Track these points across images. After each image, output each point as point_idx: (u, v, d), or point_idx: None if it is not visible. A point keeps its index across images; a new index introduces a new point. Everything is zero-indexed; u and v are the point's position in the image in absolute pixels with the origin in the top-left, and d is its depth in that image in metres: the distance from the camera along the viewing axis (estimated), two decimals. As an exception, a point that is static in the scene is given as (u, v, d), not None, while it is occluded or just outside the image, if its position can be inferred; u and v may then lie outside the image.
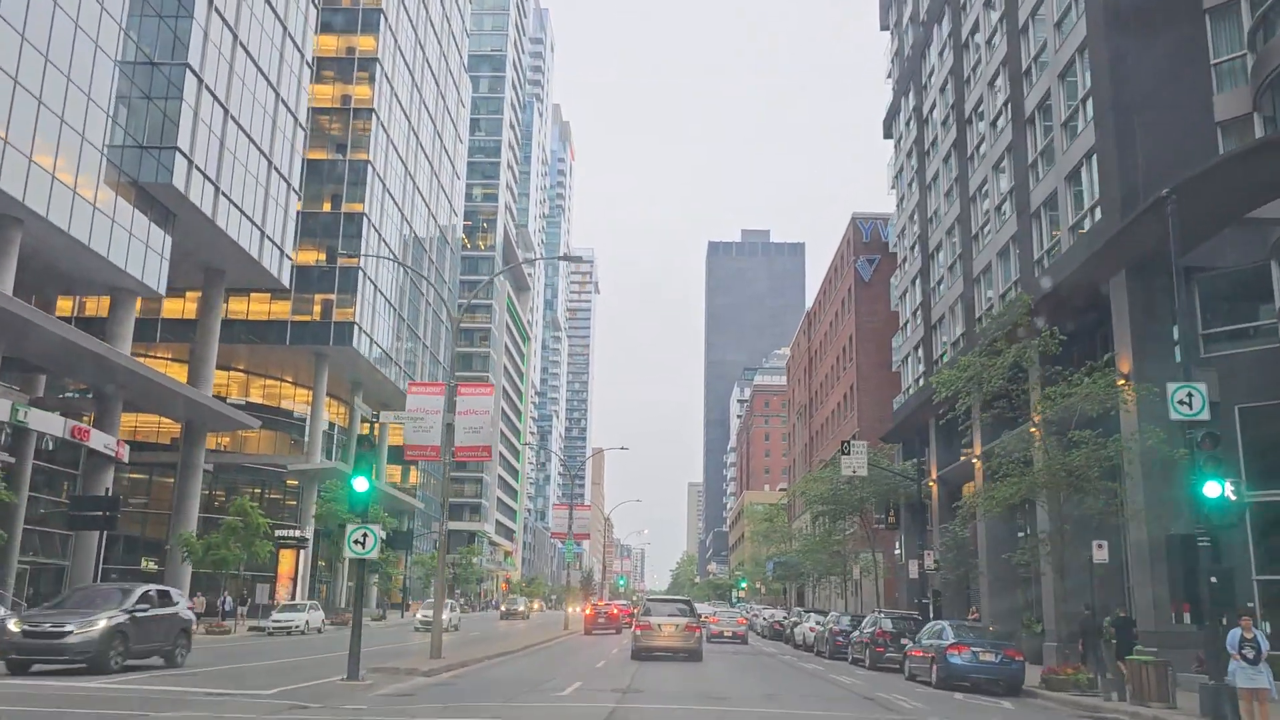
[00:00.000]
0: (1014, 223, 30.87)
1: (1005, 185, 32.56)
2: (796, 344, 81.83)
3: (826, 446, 64.31)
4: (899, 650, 25.94)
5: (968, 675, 19.97)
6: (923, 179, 42.72)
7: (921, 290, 42.29)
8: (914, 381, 43.39)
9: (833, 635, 31.70)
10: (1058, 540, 21.23)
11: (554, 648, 34.11)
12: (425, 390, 24.90)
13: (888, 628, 26.67)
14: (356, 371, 72.51)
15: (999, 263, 32.56)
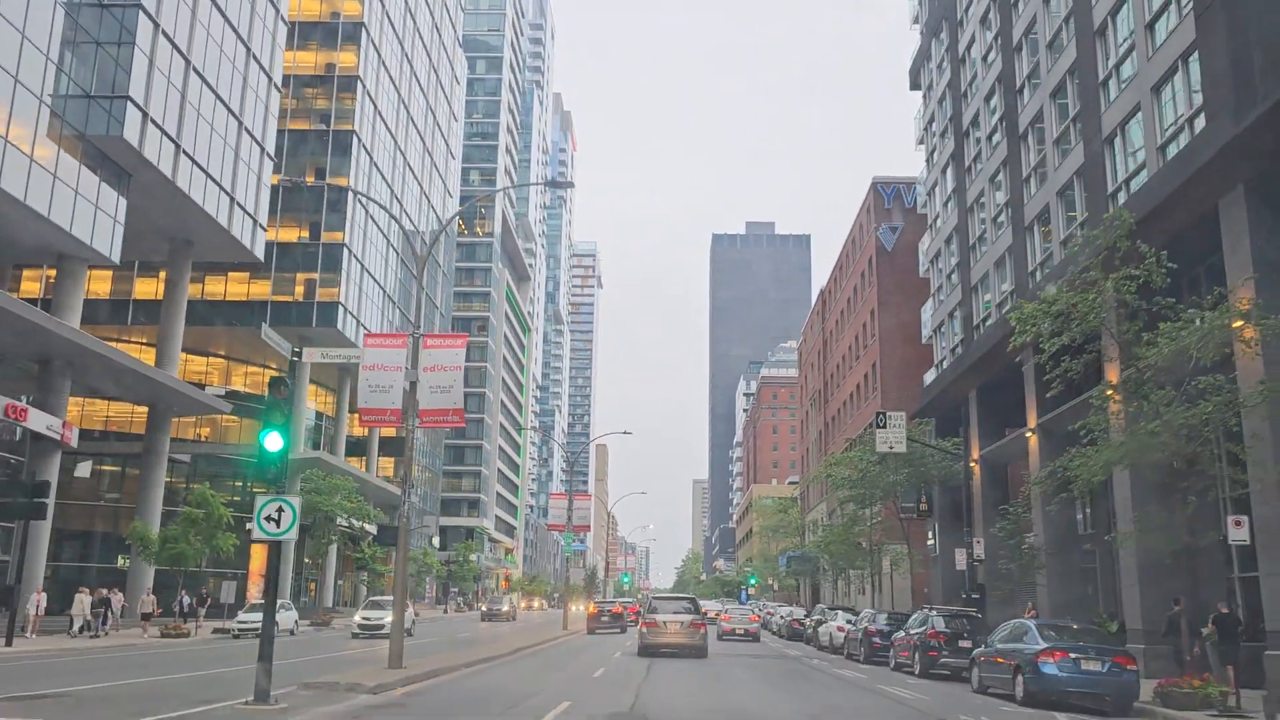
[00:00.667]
0: (1080, 154, 26.53)
1: (1068, 111, 28.15)
2: (809, 327, 77.49)
3: (843, 433, 60.02)
4: (956, 654, 21.65)
5: (1065, 689, 15.65)
6: (958, 125, 38.36)
7: (959, 249, 37.97)
8: (949, 352, 39.09)
9: (868, 636, 27.39)
10: (1175, 518, 16.91)
11: (549, 651, 29.83)
12: (384, 343, 20.49)
13: (941, 628, 22.35)
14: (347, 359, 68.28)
15: (1060, 204, 28.20)
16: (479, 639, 36.39)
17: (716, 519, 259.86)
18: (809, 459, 76.75)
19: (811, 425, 74.87)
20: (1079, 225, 26.07)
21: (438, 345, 20.01)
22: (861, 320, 54.32)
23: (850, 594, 58.06)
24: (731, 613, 42.96)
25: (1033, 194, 30.35)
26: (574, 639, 40.22)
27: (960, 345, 37.35)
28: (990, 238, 34.49)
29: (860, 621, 29.39)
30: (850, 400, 58.58)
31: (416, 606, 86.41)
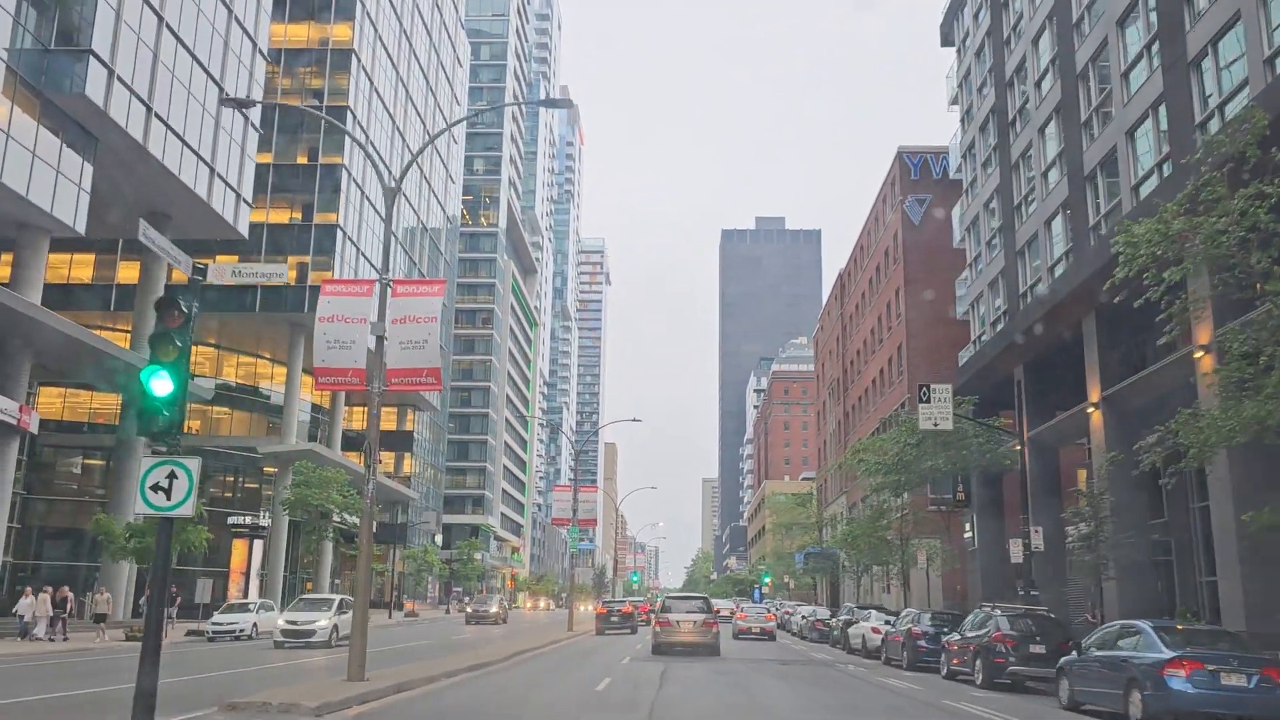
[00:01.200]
0: (1157, 82, 23.07)
1: (1140, 35, 24.61)
2: (826, 314, 74.03)
3: (865, 423, 56.60)
4: (1027, 662, 18.27)
5: (1200, 710, 12.25)
6: (1000, 75, 34.90)
7: (1001, 211, 34.56)
8: (989, 326, 35.65)
9: (912, 639, 23.99)
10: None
11: (549, 656, 26.52)
12: (346, 290, 17.17)
13: (1007, 630, 18.92)
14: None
15: (1128, 145, 24.73)
16: (473, 642, 33.11)
17: (727, 518, 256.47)
18: (826, 452, 73.31)
19: (829, 416, 71.43)
20: (1157, 166, 22.65)
21: (410, 293, 16.78)
22: (885, 300, 50.90)
23: (873, 592, 54.65)
24: (747, 611, 41.92)
25: (1095, 137, 26.92)
26: (580, 641, 36.95)
27: (1004, 317, 33.92)
28: (1040, 194, 31.03)
29: (900, 623, 25.97)
30: (873, 387, 55.13)
31: (416, 606, 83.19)
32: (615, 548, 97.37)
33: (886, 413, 50.01)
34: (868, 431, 56.95)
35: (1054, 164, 30.16)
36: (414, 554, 67.51)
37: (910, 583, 45.29)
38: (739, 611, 42.65)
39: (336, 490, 49.92)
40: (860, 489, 50.14)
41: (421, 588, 71.09)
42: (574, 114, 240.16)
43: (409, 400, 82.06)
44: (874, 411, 54.41)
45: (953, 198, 46.50)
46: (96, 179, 38.43)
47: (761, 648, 35.39)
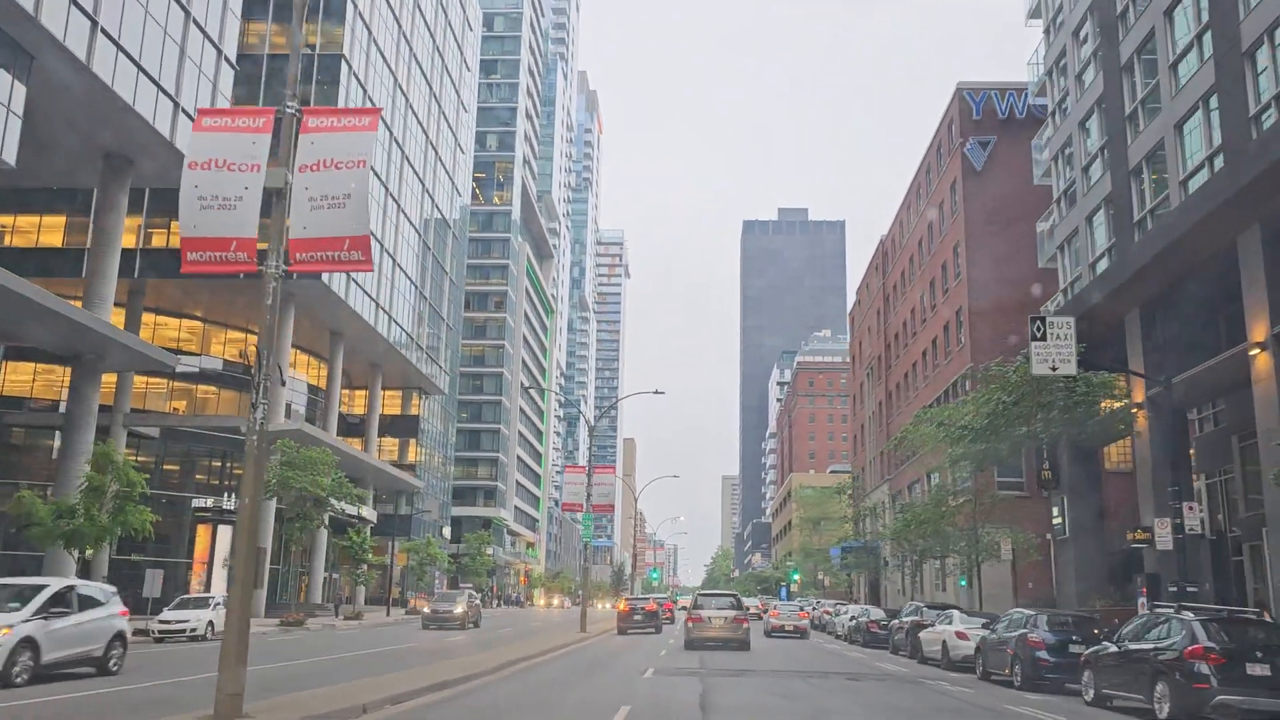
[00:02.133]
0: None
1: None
2: (864, 287, 68.08)
3: (913, 400, 50.74)
4: (1239, 685, 12.49)
5: None
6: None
7: (1106, 125, 28.70)
8: (1089, 267, 29.75)
9: (1028, 650, 18.20)
10: None
11: (548, 668, 20.94)
12: (230, 124, 11.56)
13: (1204, 640, 13.10)
14: (335, 318, 59.83)
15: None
16: (452, 650, 27.53)
17: (748, 514, 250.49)
18: (864, 437, 67.39)
19: (867, 399, 65.52)
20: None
21: (329, 126, 11.15)
22: (940, 261, 45.02)
23: (924, 589, 48.80)
24: (780, 609, 42.02)
25: (1253, 7, 21.03)
26: (594, 644, 31.39)
27: (1109, 254, 28.07)
28: (1165, 92, 25.10)
29: (1005, 627, 20.12)
30: (923, 360, 49.24)
31: (419, 602, 77.70)
32: (635, 543, 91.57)
33: (943, 386, 44.17)
34: (915, 410, 51.06)
35: (1189, 49, 24.25)
36: (416, 546, 62.08)
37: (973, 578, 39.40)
38: (771, 609, 42.35)
39: (320, 472, 44.40)
40: (916, 470, 44.32)
41: (425, 583, 65.68)
42: (593, 100, 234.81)
43: (413, 382, 76.75)
44: (925, 388, 48.52)
45: (1022, 137, 40.58)
46: (39, 111, 33.27)
47: (806, 652, 30.04)
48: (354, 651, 26.13)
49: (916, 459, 44.54)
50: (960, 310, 41.82)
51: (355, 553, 52.45)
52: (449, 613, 40.97)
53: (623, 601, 43.09)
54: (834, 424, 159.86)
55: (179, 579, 40.56)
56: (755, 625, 34.90)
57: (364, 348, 66.44)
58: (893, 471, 56.39)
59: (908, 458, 51.60)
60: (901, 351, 54.83)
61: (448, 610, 41.20)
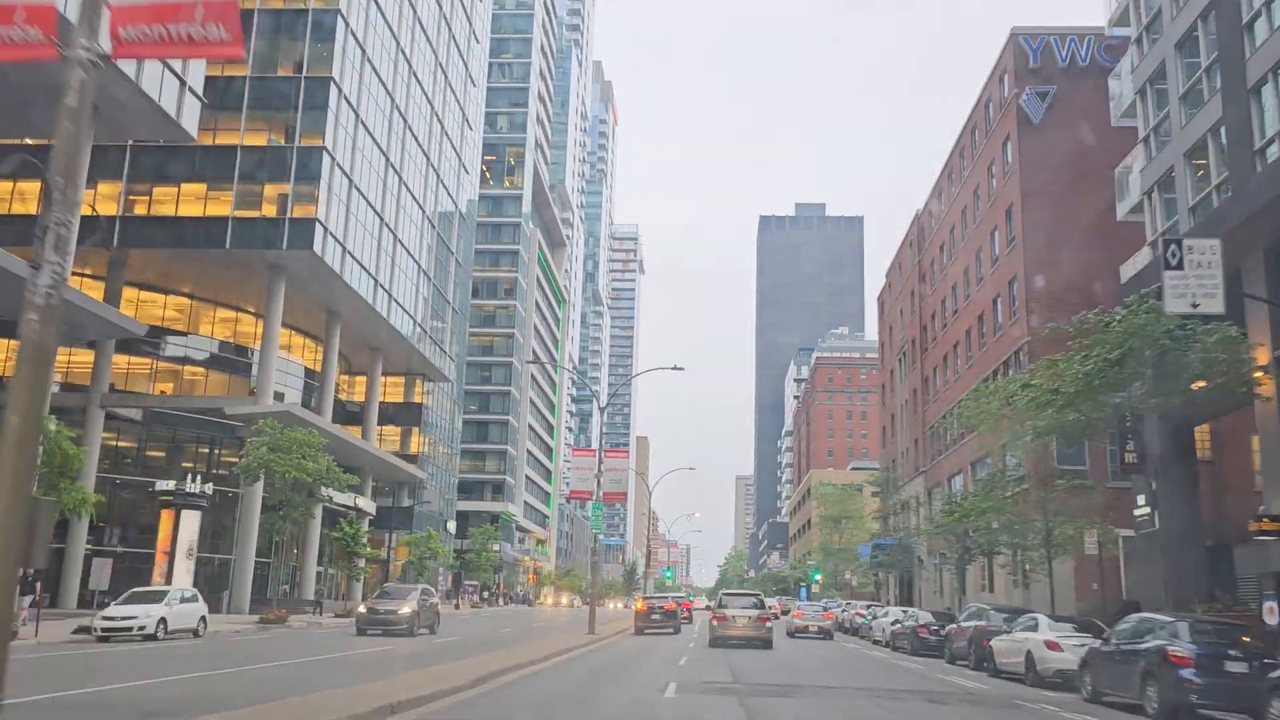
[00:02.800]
0: None
1: None
2: (895, 267, 63.77)
3: (956, 384, 46.47)
4: None
5: None
6: None
7: (1210, 44, 24.39)
8: (1187, 211, 25.41)
9: (1170, 667, 13.98)
10: None
11: (548, 678, 16.90)
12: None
13: None
14: (331, 295, 55.97)
15: None
16: (416, 652, 23.51)
17: (763, 514, 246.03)
18: (894, 428, 63.07)
19: (899, 387, 61.21)
20: None
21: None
22: (991, 225, 40.70)
23: (964, 589, 44.53)
24: (804, 609, 41.99)
25: None
26: (603, 648, 27.40)
27: (1221, 189, 23.72)
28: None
29: (1129, 638, 15.87)
30: (965, 340, 44.94)
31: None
32: (648, 540, 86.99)
33: (992, 365, 39.91)
34: (957, 396, 46.74)
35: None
36: (416, 540, 58.13)
37: (1025, 579, 35.19)
38: (795, 609, 42.28)
39: (311, 457, 40.46)
40: (962, 458, 40.09)
41: (425, 579, 61.74)
42: (607, 91, 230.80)
43: (416, 368, 72.88)
44: (969, 370, 44.24)
45: (1086, 86, 36.27)
46: None
47: (847, 659, 26.51)
48: (304, 658, 22.10)
49: (960, 446, 40.38)
50: (1014, 279, 37.52)
51: (349, 545, 48.51)
52: (392, 614, 30.91)
53: (640, 600, 41.19)
54: (854, 421, 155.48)
55: (129, 570, 36.58)
56: (777, 625, 34.47)
57: (363, 330, 62.57)
58: (929, 462, 52.12)
59: (947, 448, 47.36)
60: (939, 333, 50.54)
61: (391, 611, 31.01)
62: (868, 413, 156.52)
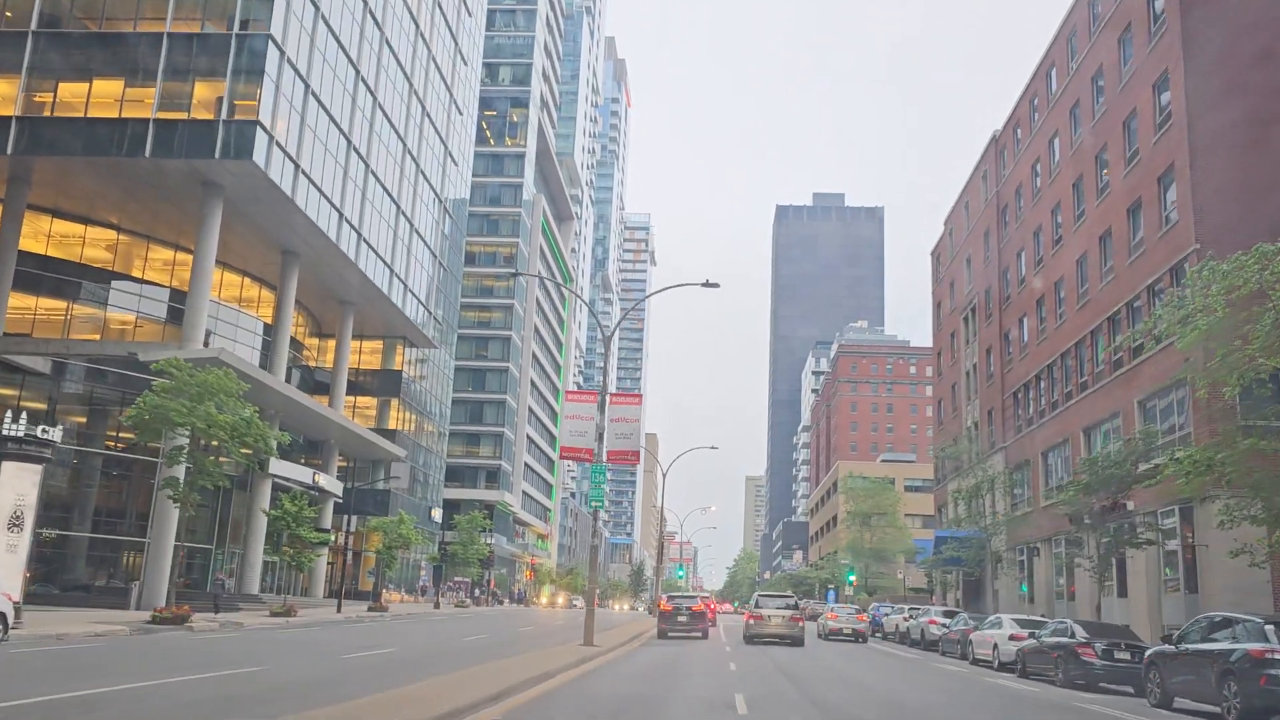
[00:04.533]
0: None
1: None
2: (960, 207, 53.67)
3: (1055, 335, 36.53)
4: None
5: None
6: None
7: None
8: None
9: None
10: None
11: None
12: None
13: None
14: (286, 230, 46.58)
15: None
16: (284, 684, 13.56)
17: (776, 514, 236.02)
18: (956, 400, 53.08)
19: (964, 351, 51.21)
20: None
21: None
22: (1130, 106, 30.67)
23: (1043, 594, 34.61)
24: (838, 611, 41.30)
25: None
26: (598, 674, 17.78)
27: None
28: None
29: None
30: (1078, 271, 34.95)
31: (400, 597, 63.94)
32: (660, 534, 77.15)
33: (1122, 297, 30.07)
34: (1055, 348, 36.79)
35: None
36: (384, 525, 48.36)
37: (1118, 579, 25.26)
38: (828, 611, 41.79)
39: (230, 407, 30.80)
40: (1119, 396, 30.22)
41: (396, 571, 51.97)
42: (620, 69, 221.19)
43: (397, 330, 63.25)
44: (1080, 312, 34.37)
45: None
46: None
47: (967, 688, 16.65)
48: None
49: (1082, 399, 30.48)
50: (1168, 172, 27.63)
51: (289, 526, 38.80)
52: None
53: (664, 599, 36.93)
54: (879, 413, 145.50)
55: None
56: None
57: (328, 277, 53.02)
58: (1010, 436, 42.19)
59: (1044, 412, 37.42)
60: (1030, 274, 40.59)
61: None
62: (894, 404, 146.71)
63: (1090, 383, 33.13)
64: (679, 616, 32.62)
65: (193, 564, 47.72)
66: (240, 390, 31.65)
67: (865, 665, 24.70)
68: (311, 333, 61.57)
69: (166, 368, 31.31)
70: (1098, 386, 32.39)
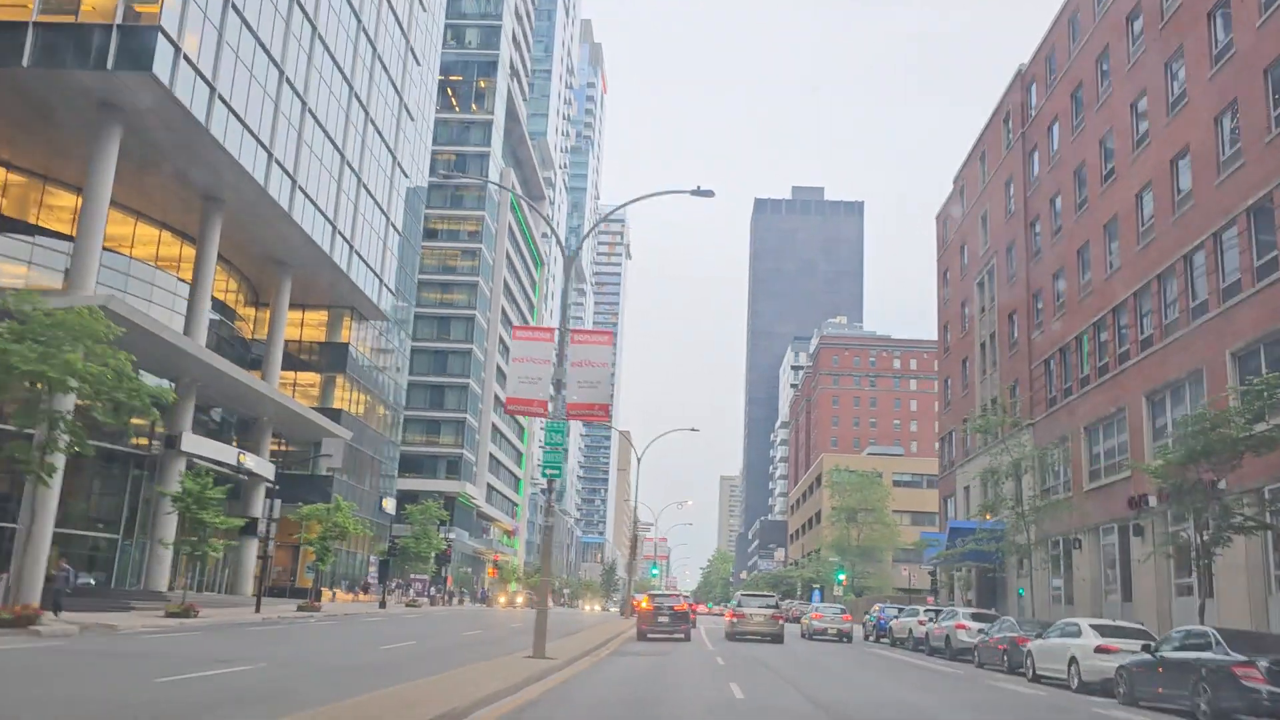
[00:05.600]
0: None
1: None
2: (975, 157, 47.81)
3: (1107, 284, 30.81)
4: None
5: None
6: None
7: None
8: None
9: None
10: None
11: None
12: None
13: None
14: (212, 175, 40.10)
15: None
16: None
17: (752, 513, 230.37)
18: (969, 377, 47.36)
19: (980, 320, 45.51)
20: None
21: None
22: (1202, 7, 24.91)
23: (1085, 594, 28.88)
24: (823, 611, 40.55)
25: None
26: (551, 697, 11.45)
27: None
28: None
29: None
30: (1137, 209, 29.25)
31: (342, 595, 57.43)
32: (633, 526, 70.53)
33: (1206, 230, 24.28)
34: (1102, 304, 31.09)
35: None
36: (316, 512, 41.91)
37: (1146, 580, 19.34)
38: (815, 612, 40.86)
39: (100, 356, 24.41)
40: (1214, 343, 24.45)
41: (343, 569, 45.52)
42: (596, 53, 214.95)
43: (343, 299, 56.81)
44: (1145, 251, 28.57)
45: None
46: None
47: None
48: None
49: (1170, 343, 24.75)
50: (1277, 61, 21.89)
51: (190, 510, 32.34)
52: None
53: (645, 598, 35.11)
54: (861, 407, 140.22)
55: None
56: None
57: (259, 230, 46.59)
58: (1040, 412, 36.41)
59: (1088, 380, 31.65)
60: (1069, 218, 34.82)
61: None
62: (878, 399, 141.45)
63: (1158, 337, 27.33)
64: (660, 617, 31.25)
65: (96, 556, 41.15)
66: (112, 335, 25.20)
67: (912, 684, 18.84)
68: (249, 302, 54.94)
69: (17, 306, 24.89)
70: (1170, 340, 26.58)
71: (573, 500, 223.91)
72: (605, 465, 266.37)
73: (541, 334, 20.77)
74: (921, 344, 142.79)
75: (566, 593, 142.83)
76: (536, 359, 20.15)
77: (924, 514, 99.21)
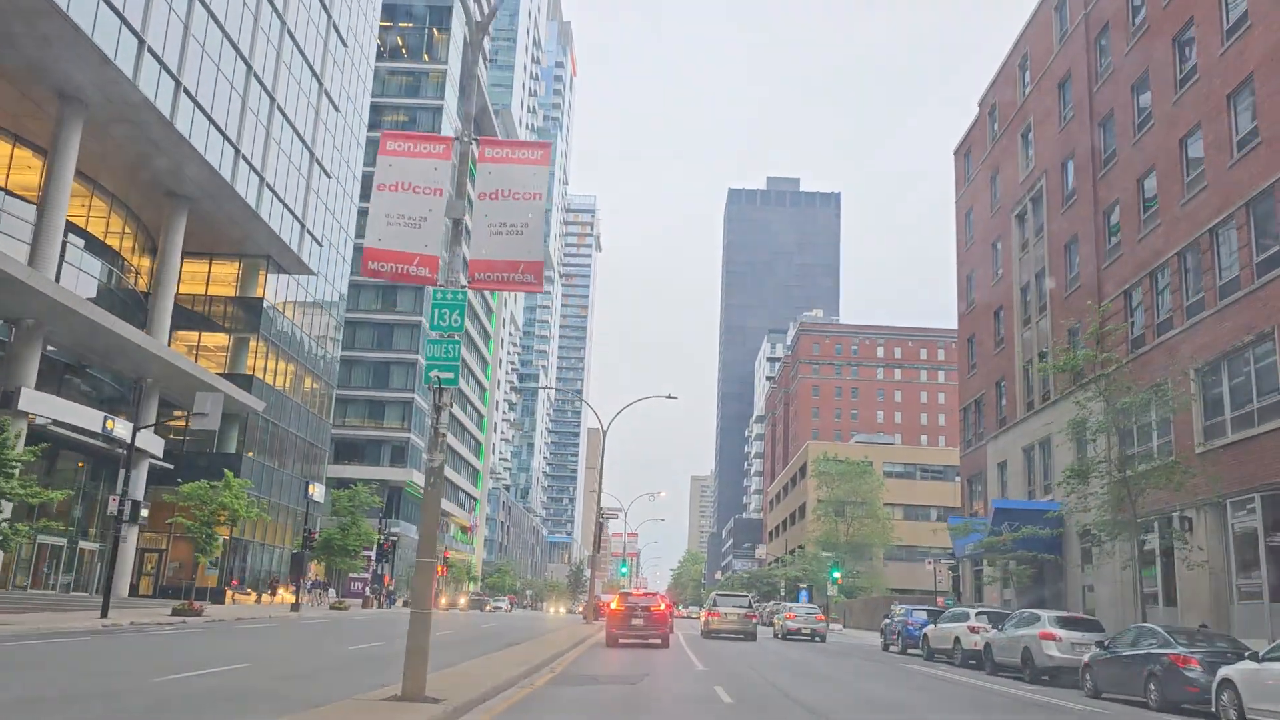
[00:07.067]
0: None
1: None
2: (1015, 63, 39.59)
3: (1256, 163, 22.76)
4: None
5: None
6: None
7: None
8: None
9: None
10: None
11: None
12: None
13: None
14: (64, 61, 31.23)
15: None
16: None
17: (726, 512, 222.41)
18: (1002, 329, 39.25)
19: (1010, 269, 37.46)
20: None
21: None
22: None
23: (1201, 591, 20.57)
24: (796, 611, 41.37)
25: None
26: None
27: None
28: None
29: None
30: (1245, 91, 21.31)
31: (256, 598, 48.58)
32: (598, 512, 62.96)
33: None
34: (1233, 198, 23.04)
35: None
36: (195, 491, 33.06)
37: None
38: (789, 613, 40.94)
39: None
40: None
41: (204, 559, 36.48)
42: (565, 32, 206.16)
43: (257, 248, 47.97)
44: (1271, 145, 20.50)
45: None
46: None
47: None
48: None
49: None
50: None
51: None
52: None
53: (616, 598, 29.52)
54: (843, 397, 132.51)
55: None
56: None
57: (140, 149, 37.55)
58: (1119, 355, 28.29)
59: (1192, 311, 23.64)
60: (1163, 106, 26.81)
61: None
62: (860, 388, 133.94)
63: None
64: (634, 619, 26.38)
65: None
66: None
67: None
68: (143, 248, 45.87)
69: None
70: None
71: (539, 499, 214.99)
72: (574, 464, 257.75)
73: (432, 148, 12.32)
74: (905, 330, 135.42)
75: (530, 594, 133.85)
76: (419, 188, 11.84)
77: (916, 507, 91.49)
